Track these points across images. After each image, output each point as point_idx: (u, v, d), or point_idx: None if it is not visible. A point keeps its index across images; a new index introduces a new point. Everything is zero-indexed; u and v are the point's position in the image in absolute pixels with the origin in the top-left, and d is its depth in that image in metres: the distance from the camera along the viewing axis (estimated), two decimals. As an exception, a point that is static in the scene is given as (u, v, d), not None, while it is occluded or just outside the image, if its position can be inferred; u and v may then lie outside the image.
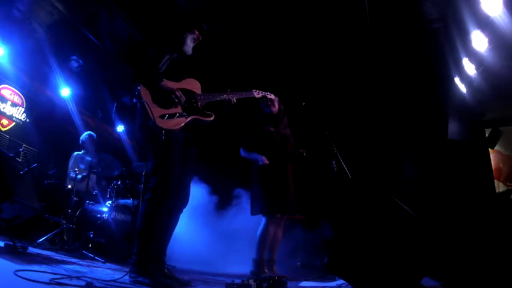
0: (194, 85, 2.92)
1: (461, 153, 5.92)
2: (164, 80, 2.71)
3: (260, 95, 3.41)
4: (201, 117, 2.81)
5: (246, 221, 4.69)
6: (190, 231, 5.11)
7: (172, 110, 2.68)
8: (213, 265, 4.91)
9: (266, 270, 3.66)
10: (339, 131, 5.10)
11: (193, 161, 2.95)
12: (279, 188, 3.82)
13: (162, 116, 2.62)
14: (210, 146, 6.38)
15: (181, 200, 2.82)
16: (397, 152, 6.71)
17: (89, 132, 5.27)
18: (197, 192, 5.25)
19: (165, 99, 2.65)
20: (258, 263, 3.70)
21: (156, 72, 2.68)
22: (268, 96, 3.52)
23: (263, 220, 3.82)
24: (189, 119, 2.74)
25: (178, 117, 2.69)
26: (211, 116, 2.84)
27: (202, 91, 2.94)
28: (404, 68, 5.99)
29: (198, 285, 2.89)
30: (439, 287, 2.21)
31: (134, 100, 2.70)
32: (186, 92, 2.81)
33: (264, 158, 3.85)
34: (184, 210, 2.90)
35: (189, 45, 2.93)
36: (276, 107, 4.04)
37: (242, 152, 4.06)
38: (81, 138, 5.22)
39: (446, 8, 4.86)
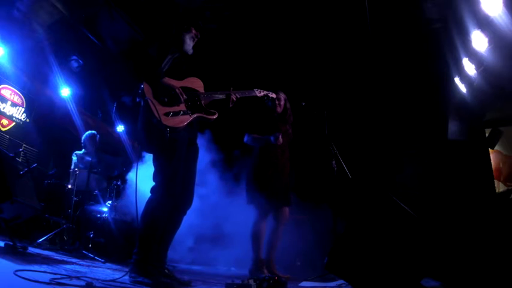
0: (197, 83, 2.94)
1: (461, 153, 5.92)
2: (166, 77, 2.73)
3: (262, 94, 3.42)
4: (204, 115, 2.82)
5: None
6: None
7: (176, 108, 2.70)
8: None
9: (265, 271, 3.64)
10: (339, 131, 5.10)
11: (196, 160, 2.94)
12: (273, 184, 3.74)
13: (167, 114, 2.63)
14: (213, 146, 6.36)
15: (185, 201, 2.80)
16: (397, 152, 6.70)
17: (91, 131, 5.25)
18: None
19: (167, 96, 2.66)
20: (255, 262, 3.68)
21: (159, 69, 2.69)
22: (270, 95, 3.52)
23: (255, 216, 3.76)
24: (193, 116, 2.75)
25: (182, 115, 2.70)
26: (214, 114, 2.86)
27: (204, 90, 2.95)
28: (404, 68, 5.99)
29: (198, 285, 2.88)
30: (439, 287, 2.21)
31: (137, 99, 2.71)
32: (189, 90, 2.82)
33: (279, 134, 3.71)
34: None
35: (189, 44, 2.94)
36: (281, 107, 4.01)
37: (247, 138, 3.91)
38: (83, 137, 5.21)
39: (446, 8, 4.86)
